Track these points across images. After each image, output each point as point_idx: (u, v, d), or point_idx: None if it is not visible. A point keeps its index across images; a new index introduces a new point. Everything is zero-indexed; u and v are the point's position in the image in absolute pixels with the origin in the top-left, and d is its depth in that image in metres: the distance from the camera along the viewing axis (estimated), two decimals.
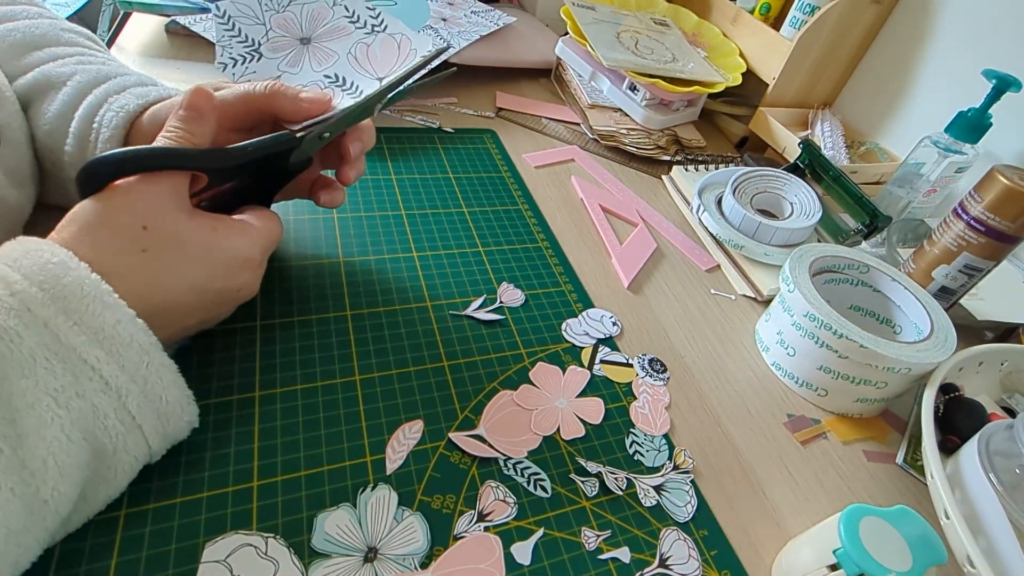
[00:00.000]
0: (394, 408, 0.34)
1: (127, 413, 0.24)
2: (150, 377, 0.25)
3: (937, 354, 0.38)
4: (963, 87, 0.58)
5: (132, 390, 0.24)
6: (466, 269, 0.44)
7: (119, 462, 0.25)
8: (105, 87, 0.35)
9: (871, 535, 0.27)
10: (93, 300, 0.24)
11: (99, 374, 0.23)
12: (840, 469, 0.37)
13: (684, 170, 0.60)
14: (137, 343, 0.25)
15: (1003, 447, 0.33)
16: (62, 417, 0.22)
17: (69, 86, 0.35)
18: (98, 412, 0.23)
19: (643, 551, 0.30)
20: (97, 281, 0.24)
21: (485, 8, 0.74)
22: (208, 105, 0.30)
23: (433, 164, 0.54)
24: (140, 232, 0.26)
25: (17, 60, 0.36)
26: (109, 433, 0.24)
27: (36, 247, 0.24)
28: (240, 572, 0.25)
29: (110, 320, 0.24)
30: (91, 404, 0.23)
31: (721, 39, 0.73)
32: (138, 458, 0.26)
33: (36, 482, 0.21)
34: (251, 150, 0.30)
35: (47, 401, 0.22)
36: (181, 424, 0.27)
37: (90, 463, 0.23)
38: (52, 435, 0.22)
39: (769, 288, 0.48)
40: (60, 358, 0.23)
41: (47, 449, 0.22)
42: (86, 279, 0.24)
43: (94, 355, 0.23)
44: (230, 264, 0.29)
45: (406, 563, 0.27)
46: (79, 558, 0.25)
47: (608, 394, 0.38)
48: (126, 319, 0.24)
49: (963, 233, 0.44)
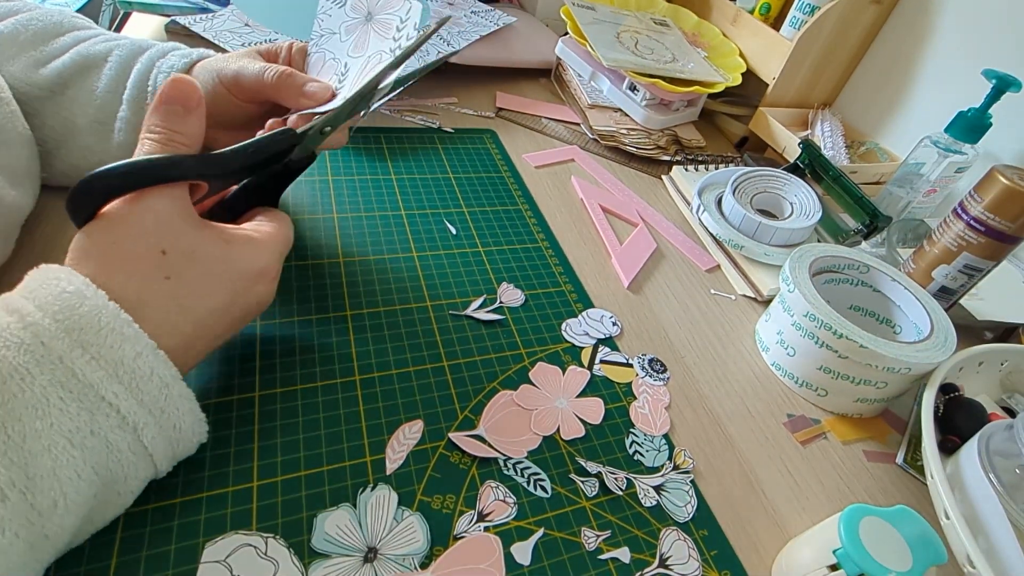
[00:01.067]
0: (394, 408, 0.34)
1: (140, 445, 0.24)
2: (167, 408, 0.24)
3: (937, 354, 0.38)
4: (963, 87, 0.58)
5: (148, 423, 0.24)
6: (466, 269, 0.44)
7: (127, 487, 0.24)
8: (148, 54, 0.37)
9: (871, 535, 0.27)
10: (111, 332, 0.23)
11: (116, 409, 0.23)
12: (840, 469, 0.37)
13: (684, 170, 0.60)
14: (158, 376, 0.24)
15: (1003, 447, 0.33)
16: (76, 458, 0.21)
17: (112, 60, 0.36)
18: (112, 448, 0.23)
19: (643, 551, 0.30)
20: (115, 311, 0.23)
21: (485, 8, 0.74)
22: (193, 98, 0.27)
23: (433, 164, 0.54)
24: (160, 258, 0.25)
25: (44, 46, 0.37)
26: (121, 464, 0.23)
27: (53, 275, 0.23)
28: (240, 572, 0.25)
29: (130, 353, 0.23)
30: (105, 440, 0.22)
31: (721, 39, 0.73)
32: (146, 479, 0.25)
33: (42, 521, 0.21)
34: (250, 151, 0.29)
35: (62, 443, 0.21)
36: (191, 445, 0.27)
37: (99, 494, 0.23)
38: (65, 476, 0.21)
39: (769, 288, 0.48)
40: (75, 396, 0.22)
41: (59, 491, 0.21)
42: (103, 309, 0.23)
43: (112, 391, 0.22)
44: (248, 277, 0.29)
45: (406, 563, 0.27)
46: (79, 558, 0.25)
47: (608, 394, 0.38)
48: (147, 351, 0.24)
49: (963, 233, 0.44)
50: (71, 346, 0.22)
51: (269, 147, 0.30)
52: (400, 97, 0.61)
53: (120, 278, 0.24)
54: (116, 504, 0.24)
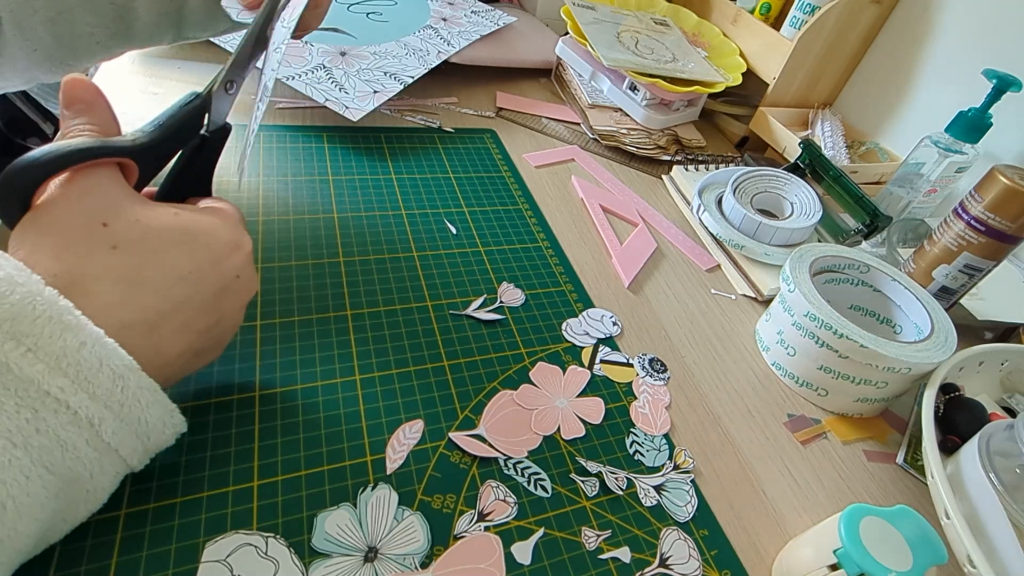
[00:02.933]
0: (394, 408, 0.34)
1: (101, 441, 0.22)
2: (127, 402, 0.22)
3: (937, 354, 0.38)
4: (963, 87, 0.58)
5: (106, 417, 0.22)
6: (466, 269, 0.44)
7: (96, 483, 0.23)
8: None
9: (871, 535, 0.27)
10: (49, 321, 0.20)
11: (65, 405, 0.21)
12: (840, 469, 0.37)
13: (684, 170, 0.60)
14: (108, 367, 0.21)
15: (1003, 447, 0.33)
16: (20, 458, 0.19)
17: None
18: (66, 446, 0.21)
19: (643, 551, 0.30)
20: (53, 297, 0.21)
21: (485, 8, 0.74)
22: (91, 92, 0.26)
23: (433, 164, 0.54)
24: (101, 230, 0.23)
25: None
26: (82, 462, 0.21)
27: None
28: (240, 572, 0.25)
29: (72, 343, 0.21)
30: (56, 438, 0.20)
31: (721, 39, 0.73)
32: (118, 474, 0.24)
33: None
34: (164, 121, 0.28)
35: (1, 443, 0.19)
36: (164, 437, 0.25)
37: (61, 493, 0.21)
38: (10, 477, 0.19)
39: (769, 288, 0.48)
40: (12, 392, 0.20)
41: (5, 493, 0.19)
42: (38, 295, 0.20)
43: (57, 385, 0.20)
44: (213, 248, 0.26)
45: (406, 563, 0.27)
46: (79, 558, 0.25)
47: (608, 394, 0.38)
48: (92, 340, 0.21)
49: (963, 233, 0.44)
50: (2, 339, 0.20)
51: (181, 112, 0.29)
52: (400, 97, 0.61)
53: (57, 255, 0.22)
54: (88, 500, 0.23)
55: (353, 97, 0.54)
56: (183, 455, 0.29)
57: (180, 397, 0.31)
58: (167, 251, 0.25)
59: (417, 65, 0.60)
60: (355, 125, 0.55)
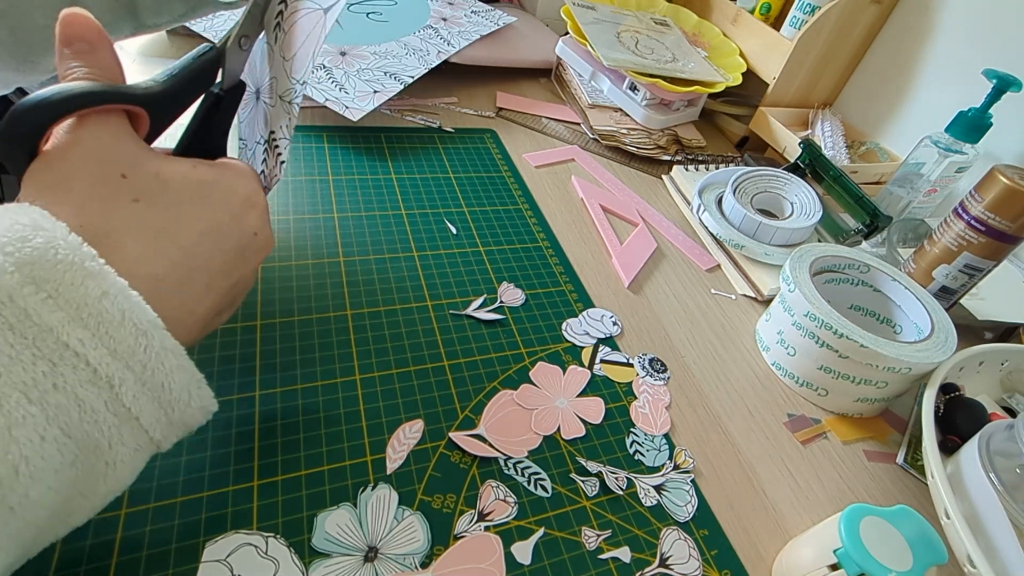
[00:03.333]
0: (394, 408, 0.34)
1: (120, 404, 0.20)
2: (149, 363, 0.21)
3: (937, 354, 0.38)
4: (963, 87, 0.58)
5: (127, 378, 0.20)
6: (466, 269, 0.44)
7: (117, 456, 0.21)
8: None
9: (871, 535, 0.27)
10: (71, 266, 0.19)
11: (84, 360, 0.19)
12: (840, 469, 0.37)
13: (684, 170, 0.60)
14: (131, 321, 0.20)
15: (1003, 447, 0.33)
16: (35, 415, 0.18)
17: None
18: (84, 406, 0.19)
19: (643, 551, 0.30)
20: (76, 243, 0.19)
21: (485, 8, 0.74)
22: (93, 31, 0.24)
23: (433, 164, 0.54)
24: (122, 182, 0.22)
25: None
26: (100, 427, 0.20)
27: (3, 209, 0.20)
28: (240, 571, 0.25)
29: (94, 292, 0.19)
30: (74, 397, 0.19)
31: (721, 39, 0.73)
32: (139, 447, 0.22)
33: (2, 491, 0.18)
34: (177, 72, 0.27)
35: (15, 397, 0.18)
36: (190, 411, 0.23)
37: (77, 461, 0.20)
38: (24, 436, 0.18)
39: (769, 288, 0.48)
40: (30, 342, 0.18)
41: (18, 453, 0.18)
42: (61, 240, 0.19)
43: (76, 337, 0.19)
44: (231, 203, 0.25)
45: (406, 563, 0.27)
46: (79, 558, 0.25)
47: (608, 394, 0.38)
48: (115, 290, 0.20)
49: (963, 233, 0.44)
50: (21, 282, 0.18)
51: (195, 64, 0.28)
52: (400, 97, 0.61)
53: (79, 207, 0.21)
54: (108, 476, 0.21)
55: (353, 97, 0.54)
56: (183, 455, 0.29)
57: None
58: (188, 205, 0.24)
59: (417, 65, 0.60)
60: (355, 125, 0.55)
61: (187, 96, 0.29)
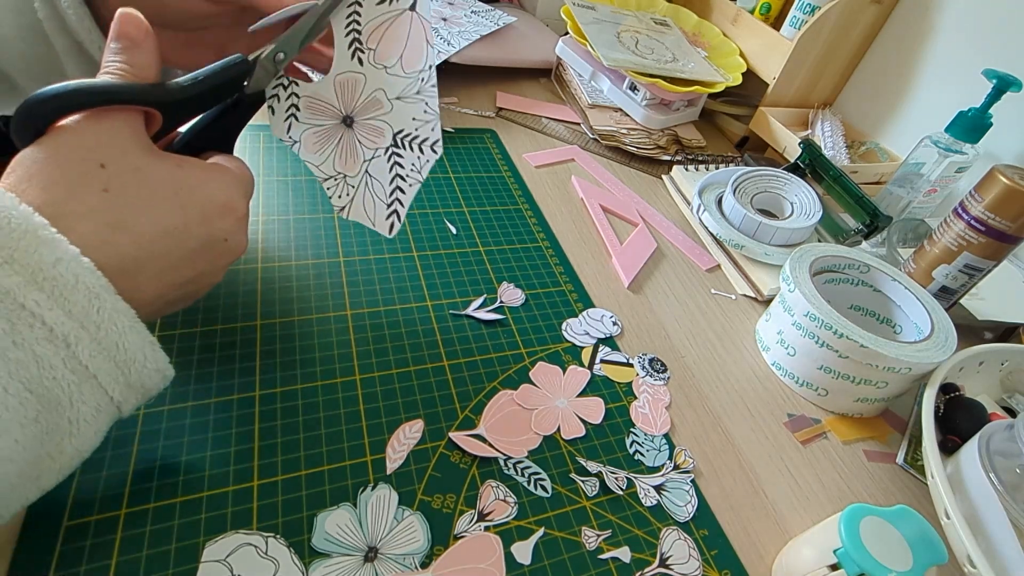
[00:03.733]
0: (394, 408, 0.34)
1: (78, 363, 0.22)
2: (102, 323, 0.22)
3: (937, 354, 0.38)
4: (963, 87, 0.58)
5: (82, 337, 0.22)
6: (466, 269, 0.44)
7: (78, 413, 0.22)
8: None
9: (871, 535, 0.27)
10: (24, 234, 0.20)
11: (40, 320, 0.21)
12: (840, 469, 0.37)
13: (684, 170, 0.60)
14: (84, 285, 0.21)
15: (1003, 447, 0.33)
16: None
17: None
18: (42, 363, 0.21)
19: (643, 551, 0.30)
20: (28, 212, 0.21)
21: (485, 8, 0.74)
22: (141, 31, 0.26)
23: (433, 164, 0.54)
24: (97, 170, 0.23)
25: None
26: (60, 384, 0.21)
27: None
28: (240, 571, 0.25)
29: (48, 258, 0.21)
30: (32, 354, 0.20)
31: (721, 39, 0.73)
32: (100, 408, 0.23)
33: None
34: (202, 79, 0.28)
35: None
36: (147, 372, 0.24)
37: (40, 417, 0.21)
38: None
39: (769, 288, 0.48)
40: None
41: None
42: (13, 211, 0.20)
43: (32, 298, 0.20)
44: (206, 207, 0.26)
45: (406, 563, 0.27)
46: (79, 558, 0.25)
47: (608, 394, 0.38)
48: (68, 257, 0.21)
49: (963, 233, 0.44)
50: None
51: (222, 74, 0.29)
52: None
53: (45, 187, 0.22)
54: (72, 435, 0.22)
55: None
56: (183, 455, 0.29)
57: (180, 397, 0.31)
58: (158, 203, 0.25)
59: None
60: None
61: (207, 102, 0.29)
